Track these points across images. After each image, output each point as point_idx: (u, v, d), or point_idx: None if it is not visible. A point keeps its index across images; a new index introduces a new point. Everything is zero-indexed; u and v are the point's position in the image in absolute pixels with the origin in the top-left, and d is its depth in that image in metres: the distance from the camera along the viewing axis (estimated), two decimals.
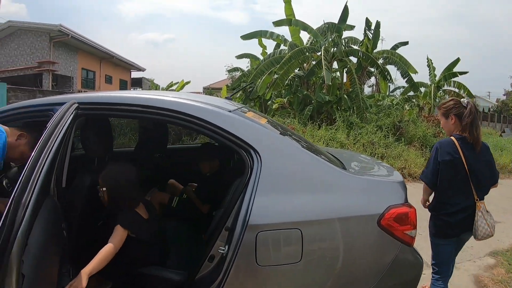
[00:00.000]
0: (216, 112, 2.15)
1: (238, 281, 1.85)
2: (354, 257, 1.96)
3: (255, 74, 14.26)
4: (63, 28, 22.55)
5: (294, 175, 1.99)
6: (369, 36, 14.61)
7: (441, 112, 3.01)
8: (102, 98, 2.50)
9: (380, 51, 15.34)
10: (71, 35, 23.24)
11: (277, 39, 15.66)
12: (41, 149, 1.62)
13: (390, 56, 14.73)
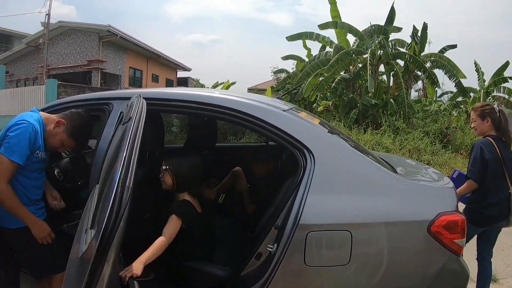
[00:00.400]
0: (271, 111, 2.20)
1: (284, 280, 1.87)
2: (400, 263, 1.94)
3: (301, 76, 14.54)
4: (112, 29, 23.84)
5: (346, 176, 2.00)
6: (416, 38, 14.39)
7: (477, 114, 3.40)
8: (159, 94, 2.68)
9: (427, 54, 15.09)
10: (120, 35, 24.50)
11: (323, 41, 15.77)
12: (133, 138, 1.67)
13: (438, 60, 14.51)
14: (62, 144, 2.53)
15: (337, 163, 2.03)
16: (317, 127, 2.24)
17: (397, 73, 13.27)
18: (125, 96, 2.65)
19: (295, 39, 15.83)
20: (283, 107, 2.32)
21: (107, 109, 2.73)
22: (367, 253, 1.90)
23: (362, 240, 1.87)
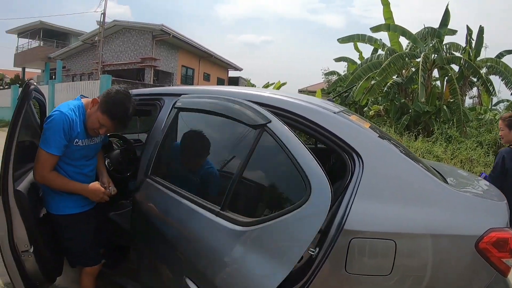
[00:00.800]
0: (321, 112, 2.18)
1: (323, 285, 1.83)
2: (443, 279, 1.85)
3: (352, 78, 14.47)
4: (165, 28, 25.09)
5: (394, 183, 1.95)
6: (471, 42, 13.88)
7: (505, 123, 3.72)
8: (210, 91, 2.74)
9: (483, 59, 14.49)
10: (172, 34, 25.73)
11: (375, 43, 15.73)
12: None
13: (495, 65, 13.98)
14: (99, 124, 2.53)
15: (386, 169, 1.99)
16: (367, 131, 2.22)
17: (451, 79, 12.93)
18: (175, 93, 2.84)
19: (347, 42, 15.76)
20: (334, 109, 2.31)
21: (158, 104, 2.91)
22: (410, 265, 1.83)
23: (406, 251, 1.80)
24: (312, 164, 1.71)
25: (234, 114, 2.16)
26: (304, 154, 1.76)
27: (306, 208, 1.65)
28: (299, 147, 1.80)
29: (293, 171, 1.77)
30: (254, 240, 1.79)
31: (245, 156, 2.00)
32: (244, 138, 2.18)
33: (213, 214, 1.99)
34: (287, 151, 1.81)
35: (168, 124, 2.66)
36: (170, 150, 2.85)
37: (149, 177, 2.62)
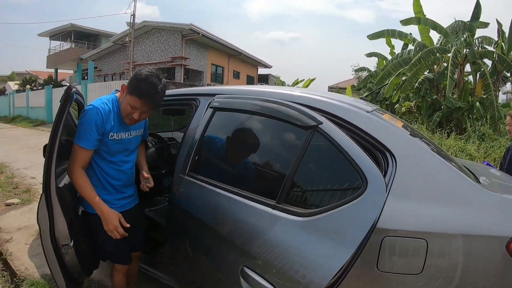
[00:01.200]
0: (354, 111, 2.22)
1: (354, 282, 1.85)
2: (473, 279, 1.84)
3: (382, 75, 14.27)
4: (194, 27, 25.70)
5: (427, 182, 1.95)
6: (504, 35, 13.25)
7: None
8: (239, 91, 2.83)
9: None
10: (201, 33, 26.38)
11: (405, 38, 15.45)
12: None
13: None
14: (130, 107, 2.49)
15: (419, 168, 2.00)
16: (400, 130, 2.23)
17: (484, 74, 12.62)
18: (210, 93, 2.93)
19: (377, 38, 15.61)
20: (367, 108, 2.34)
21: (194, 104, 2.99)
22: (441, 265, 1.82)
23: (437, 250, 1.80)
24: (365, 159, 1.86)
25: (284, 115, 2.25)
26: (358, 151, 1.89)
27: (366, 197, 1.79)
28: (352, 145, 1.93)
29: (347, 166, 1.90)
30: (317, 228, 1.89)
31: (298, 154, 2.11)
32: (294, 137, 2.34)
33: (269, 208, 2.09)
34: (341, 148, 1.93)
35: (205, 123, 2.75)
36: (212, 148, 2.92)
37: (187, 174, 2.69)
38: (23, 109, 32.70)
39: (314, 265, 1.82)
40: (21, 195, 6.92)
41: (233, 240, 2.21)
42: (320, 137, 2.05)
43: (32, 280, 3.64)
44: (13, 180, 8.14)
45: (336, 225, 1.84)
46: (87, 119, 2.45)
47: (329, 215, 1.87)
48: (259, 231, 2.09)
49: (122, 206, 2.74)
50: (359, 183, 1.85)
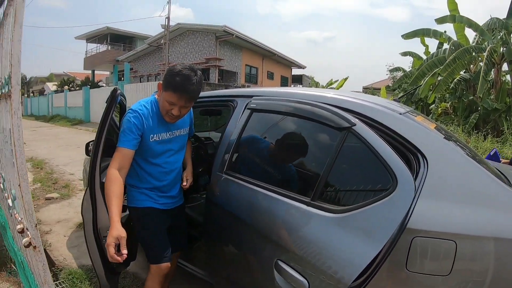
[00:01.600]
0: (386, 113, 2.26)
1: (383, 282, 1.88)
2: (503, 284, 1.81)
3: (417, 75, 14.07)
4: (227, 28, 26.05)
5: (458, 185, 1.96)
6: None
7: None
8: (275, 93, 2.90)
9: None
10: (235, 35, 26.71)
11: (440, 37, 15.16)
12: None
13: None
14: (168, 104, 2.50)
15: (450, 171, 2.00)
16: (433, 132, 2.25)
17: None
18: (247, 95, 3.02)
19: (411, 37, 15.30)
20: (400, 110, 2.37)
21: (231, 106, 3.07)
22: (469, 267, 1.82)
23: (466, 252, 1.79)
24: (396, 159, 1.92)
25: (320, 117, 2.31)
26: (389, 152, 1.95)
27: (396, 195, 1.84)
28: (383, 146, 1.99)
29: (379, 167, 1.95)
30: (348, 225, 1.94)
31: (332, 153, 2.17)
32: (328, 138, 2.39)
33: (304, 204, 2.15)
34: (373, 149, 1.99)
35: (242, 124, 2.82)
36: (249, 148, 2.97)
37: (225, 173, 2.76)
38: (61, 109, 33.82)
39: (344, 261, 1.87)
40: (60, 190, 7.26)
41: (269, 235, 2.28)
42: (353, 138, 2.11)
43: (70, 269, 3.84)
44: (52, 176, 8.56)
45: (365, 222, 1.90)
46: (126, 121, 2.51)
47: (360, 213, 1.93)
48: (293, 227, 2.16)
49: (164, 204, 2.77)
50: (389, 182, 1.90)
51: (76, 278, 3.68)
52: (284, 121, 2.80)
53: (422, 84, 14.06)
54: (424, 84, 13.90)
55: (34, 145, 14.59)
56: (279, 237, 2.21)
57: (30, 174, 8.82)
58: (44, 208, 6.14)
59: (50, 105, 37.43)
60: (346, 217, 1.97)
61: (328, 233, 1.99)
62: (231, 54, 29.13)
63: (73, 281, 3.65)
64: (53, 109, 36.42)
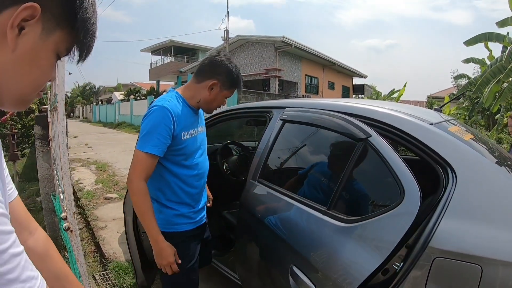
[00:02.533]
0: (413, 123, 2.19)
1: None
2: None
3: (480, 82, 13.40)
4: (286, 39, 26.19)
5: (490, 202, 1.82)
6: None
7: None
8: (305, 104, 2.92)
9: None
10: (294, 45, 26.82)
11: (504, 41, 14.24)
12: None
13: None
14: (225, 99, 2.47)
15: (482, 186, 1.87)
16: (466, 144, 2.11)
17: None
18: (281, 106, 3.09)
19: (473, 44, 14.70)
20: (432, 120, 2.27)
21: (268, 116, 3.15)
22: None
23: (493, 279, 1.63)
24: (405, 172, 1.84)
25: (339, 128, 2.29)
26: (399, 163, 1.89)
27: (401, 208, 1.78)
28: (394, 157, 1.92)
29: (389, 178, 1.90)
30: (356, 234, 1.93)
31: (348, 164, 2.16)
32: (346, 149, 2.32)
33: (320, 213, 2.16)
34: (385, 160, 1.94)
35: (275, 134, 2.88)
36: (278, 157, 3.04)
37: (258, 180, 2.84)
38: (127, 117, 35.21)
39: (351, 270, 1.87)
40: (119, 191, 7.63)
41: (287, 241, 2.30)
42: (368, 149, 2.08)
43: (117, 262, 4.15)
44: (114, 178, 8.99)
45: (371, 233, 1.88)
46: (154, 120, 2.14)
47: (367, 223, 1.91)
48: (309, 234, 2.19)
49: (200, 220, 2.54)
50: (398, 195, 1.83)
51: (122, 271, 3.96)
52: (309, 131, 2.87)
53: (486, 92, 13.32)
54: (488, 92, 13.13)
55: (99, 149, 15.34)
56: (296, 243, 2.23)
57: (93, 175, 9.37)
58: (102, 206, 6.53)
59: (117, 113, 39.09)
60: (355, 227, 1.96)
61: (338, 242, 1.99)
62: (290, 64, 29.26)
63: (118, 272, 3.93)
64: (119, 117, 38.02)
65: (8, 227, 0.61)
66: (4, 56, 0.71)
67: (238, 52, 30.40)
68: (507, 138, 11.80)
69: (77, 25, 0.78)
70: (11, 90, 0.75)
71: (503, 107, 14.48)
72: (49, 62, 0.79)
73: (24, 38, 0.71)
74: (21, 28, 0.70)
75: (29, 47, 0.73)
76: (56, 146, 2.47)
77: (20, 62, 0.73)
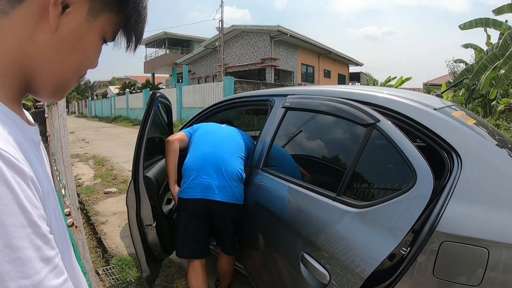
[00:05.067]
0: (420, 109, 2.19)
1: (409, 286, 1.80)
2: None
3: (477, 69, 13.34)
4: (281, 28, 26.19)
5: (495, 186, 1.83)
6: None
7: None
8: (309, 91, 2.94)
9: None
10: (289, 34, 26.74)
11: (501, 28, 14.18)
12: None
13: None
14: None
15: (487, 170, 1.88)
16: (470, 128, 2.13)
17: None
18: (283, 93, 3.10)
19: (468, 28, 14.56)
20: (434, 106, 2.28)
21: (269, 105, 3.17)
22: (503, 279, 1.66)
23: (500, 262, 1.64)
24: (417, 155, 1.85)
25: (345, 114, 2.31)
26: (410, 147, 1.90)
27: (414, 191, 1.78)
28: (405, 141, 1.93)
29: (400, 162, 1.91)
30: (369, 219, 1.93)
31: (357, 150, 2.17)
32: (355, 134, 2.37)
33: (330, 199, 2.16)
34: (395, 145, 1.95)
35: (278, 122, 2.90)
36: (283, 145, 3.03)
37: (262, 169, 2.86)
38: (123, 110, 35.12)
39: (365, 255, 1.85)
40: (119, 185, 7.63)
41: (296, 228, 2.30)
42: (377, 134, 2.09)
43: (120, 257, 4.14)
44: (112, 172, 9.00)
45: (384, 218, 1.87)
46: None
47: (380, 208, 1.90)
48: (319, 221, 2.18)
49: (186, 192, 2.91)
50: (410, 179, 1.84)
51: (125, 265, 3.96)
52: (314, 118, 2.84)
53: (482, 79, 13.26)
54: (485, 78, 13.04)
55: (97, 144, 15.34)
56: (305, 230, 2.23)
57: (91, 170, 9.36)
58: (102, 201, 6.53)
59: (112, 107, 38.95)
60: (367, 212, 1.96)
61: (350, 228, 1.99)
62: (286, 53, 29.24)
63: (122, 267, 3.93)
64: (115, 111, 37.90)
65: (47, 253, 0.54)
66: (44, 36, 0.65)
67: (233, 42, 30.39)
68: (504, 124, 11.88)
69: (129, 8, 0.72)
70: (49, 76, 0.69)
71: (499, 94, 14.43)
72: (94, 47, 0.73)
73: (68, 18, 0.65)
74: (65, 6, 0.64)
75: (73, 29, 0.67)
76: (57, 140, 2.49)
77: (62, 44, 0.67)
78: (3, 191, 0.49)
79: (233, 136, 3.15)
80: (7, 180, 0.50)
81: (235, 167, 2.88)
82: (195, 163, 2.89)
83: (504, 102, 14.03)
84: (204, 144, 3.00)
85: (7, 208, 0.49)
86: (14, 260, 0.48)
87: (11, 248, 0.48)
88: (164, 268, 3.90)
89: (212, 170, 2.83)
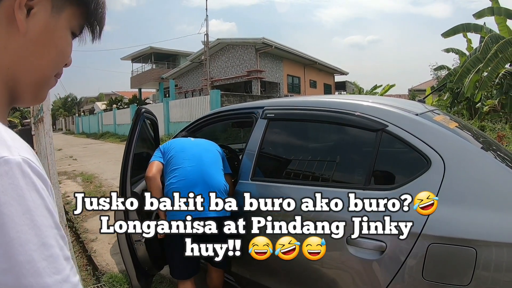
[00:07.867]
0: (401, 115, 2.28)
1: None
2: None
3: (461, 72, 13.48)
4: (266, 40, 26.26)
5: (479, 187, 1.88)
6: None
7: None
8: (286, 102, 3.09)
9: None
10: (274, 46, 26.86)
11: (482, 32, 14.36)
12: None
13: None
14: None
15: (470, 172, 1.93)
16: (451, 132, 2.19)
17: None
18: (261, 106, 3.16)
19: (451, 35, 14.81)
20: (417, 111, 2.37)
21: (254, 117, 3.17)
22: (491, 277, 1.71)
23: (488, 261, 1.69)
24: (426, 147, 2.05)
25: (355, 123, 2.44)
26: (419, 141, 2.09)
27: (429, 172, 1.97)
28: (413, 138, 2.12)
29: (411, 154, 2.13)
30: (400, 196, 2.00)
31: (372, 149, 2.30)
32: (364, 139, 2.53)
33: (360, 189, 2.24)
34: (406, 142, 2.13)
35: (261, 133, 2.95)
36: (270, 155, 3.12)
37: (252, 179, 2.87)
38: (110, 126, 34.87)
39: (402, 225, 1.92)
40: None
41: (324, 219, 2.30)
42: (387, 136, 2.24)
43: (111, 274, 4.09)
44: (101, 189, 8.93)
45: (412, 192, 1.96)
46: None
47: (407, 186, 2.03)
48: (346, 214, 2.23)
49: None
50: (425, 163, 2.02)
51: (116, 282, 3.90)
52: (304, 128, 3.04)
53: (466, 82, 13.44)
54: (469, 81, 13.26)
55: (85, 160, 15.16)
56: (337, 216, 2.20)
57: (80, 187, 9.27)
58: (91, 218, 6.45)
59: (100, 123, 38.65)
60: (398, 191, 2.04)
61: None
62: (272, 65, 29.28)
63: (113, 284, 3.88)
64: (103, 127, 37.59)
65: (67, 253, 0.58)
66: (16, 41, 0.67)
67: (219, 56, 30.44)
68: (489, 125, 12.00)
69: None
70: (29, 79, 0.72)
71: (483, 96, 14.57)
72: (65, 42, 0.76)
73: (35, 19, 0.68)
74: (30, 8, 0.66)
75: (42, 28, 0.69)
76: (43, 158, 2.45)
77: (35, 45, 0.70)
78: (35, 196, 0.56)
79: (207, 147, 3.19)
80: (37, 187, 0.57)
81: (220, 180, 2.91)
82: (180, 182, 2.85)
83: (489, 103, 14.09)
84: (185, 162, 2.96)
85: (39, 211, 0.55)
86: (48, 257, 0.54)
87: (45, 246, 0.54)
88: (156, 284, 3.87)
89: (199, 187, 2.80)
